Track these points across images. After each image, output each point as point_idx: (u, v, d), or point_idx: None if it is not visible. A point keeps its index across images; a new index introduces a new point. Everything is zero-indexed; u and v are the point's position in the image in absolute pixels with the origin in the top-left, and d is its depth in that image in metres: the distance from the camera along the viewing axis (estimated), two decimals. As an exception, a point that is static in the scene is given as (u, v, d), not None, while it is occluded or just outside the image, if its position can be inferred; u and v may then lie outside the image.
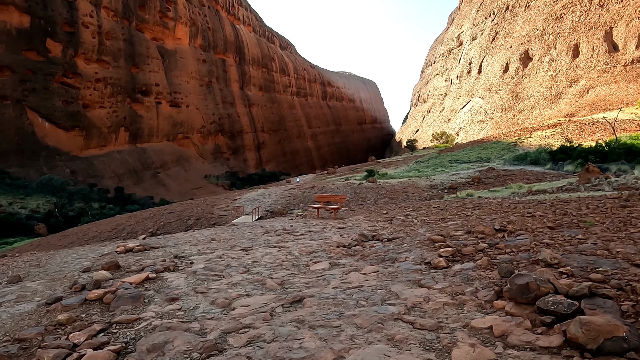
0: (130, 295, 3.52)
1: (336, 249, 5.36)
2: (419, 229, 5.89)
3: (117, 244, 6.74)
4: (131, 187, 68.39)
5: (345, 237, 6.62)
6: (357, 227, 7.67)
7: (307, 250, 5.59)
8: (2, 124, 55.35)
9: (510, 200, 9.38)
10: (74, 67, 65.06)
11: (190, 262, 4.77)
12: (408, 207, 10.35)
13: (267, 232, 7.97)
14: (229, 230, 8.84)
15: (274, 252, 5.54)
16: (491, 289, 3.13)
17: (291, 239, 6.87)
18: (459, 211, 7.78)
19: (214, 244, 6.70)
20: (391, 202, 18.86)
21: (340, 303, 3.23)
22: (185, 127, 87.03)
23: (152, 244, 6.58)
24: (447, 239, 4.81)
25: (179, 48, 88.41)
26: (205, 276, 4.01)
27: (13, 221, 41.39)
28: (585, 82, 57.87)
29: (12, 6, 57.14)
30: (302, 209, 14.84)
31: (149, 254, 5.63)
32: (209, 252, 5.77)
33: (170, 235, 8.33)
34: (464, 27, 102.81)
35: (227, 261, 4.93)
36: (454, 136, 75.95)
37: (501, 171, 25.90)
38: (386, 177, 30.30)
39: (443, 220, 6.70)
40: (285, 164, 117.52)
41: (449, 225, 5.73)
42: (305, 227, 8.86)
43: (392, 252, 4.47)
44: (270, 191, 24.11)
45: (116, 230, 18.66)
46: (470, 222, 5.92)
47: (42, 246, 18.96)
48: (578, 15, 62.56)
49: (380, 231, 6.60)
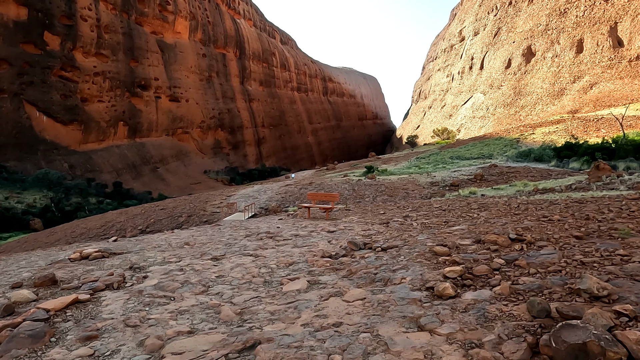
0: (30, 334, 2.65)
1: (320, 260, 4.67)
2: (418, 236, 5.27)
3: (77, 248, 6.04)
4: (130, 181, 67.78)
5: (333, 243, 5.92)
6: (349, 232, 6.99)
7: (286, 261, 4.86)
8: (-2, 117, 54.66)
9: (518, 200, 8.64)
10: (72, 61, 64.20)
11: (144, 276, 4.04)
12: (407, 207, 9.58)
13: (248, 235, 7.30)
14: (209, 232, 8.13)
15: (247, 263, 4.84)
16: (521, 340, 2.23)
17: (272, 245, 6.21)
18: (464, 212, 7.03)
19: (184, 250, 6.06)
20: (390, 199, 18.15)
21: (305, 358, 2.36)
22: (184, 122, 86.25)
23: (114, 249, 5.87)
24: (453, 250, 4.05)
25: (179, 42, 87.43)
26: (152, 298, 3.26)
27: (8, 216, 40.84)
28: (589, 78, 56.91)
29: (9, -2, 56.24)
30: (297, 207, 14.12)
31: (104, 263, 4.95)
32: (173, 261, 5.09)
33: (144, 237, 7.63)
34: (466, 23, 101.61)
35: (187, 275, 4.18)
36: (455, 132, 75.07)
37: (504, 168, 25.11)
38: (386, 173, 29.56)
39: (446, 224, 5.93)
40: (286, 159, 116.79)
41: (453, 232, 4.98)
42: (292, 229, 8.23)
43: (385, 269, 3.76)
44: (267, 187, 23.40)
45: (105, 227, 18.00)
46: (478, 227, 5.17)
47: (28, 243, 18.33)
48: (582, 10, 61.45)
49: (374, 237, 5.91)
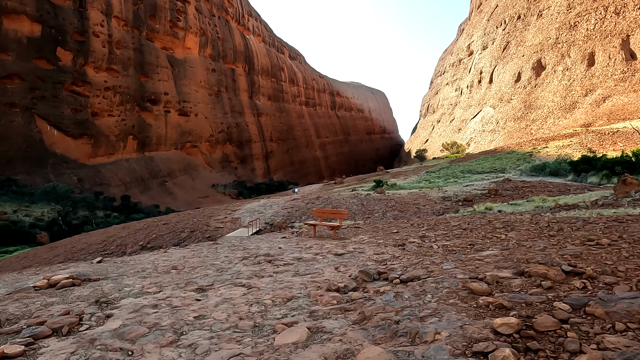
0: None
1: (325, 295, 3.86)
2: (444, 264, 4.44)
3: (48, 273, 5.35)
4: (138, 195, 67.71)
5: (341, 271, 5.04)
6: (360, 255, 6.13)
7: (283, 295, 4.05)
8: (10, 131, 55.20)
9: (545, 217, 7.81)
10: (83, 76, 65.10)
11: (108, 315, 3.32)
12: (422, 225, 8.73)
13: (245, 258, 6.51)
14: (204, 252, 7.34)
15: (236, 298, 4.06)
16: None
17: (270, 272, 5.39)
18: (488, 233, 6.20)
19: (169, 277, 5.32)
20: (401, 215, 17.36)
21: None
22: (193, 136, 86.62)
23: (92, 273, 5.13)
24: (494, 287, 3.22)
25: (189, 57, 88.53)
26: (103, 351, 2.52)
27: (15, 229, 40.69)
28: (601, 91, 55.90)
29: (24, 15, 57.48)
30: (302, 223, 13.36)
31: (72, 293, 4.26)
32: (151, 292, 4.42)
33: (131, 259, 6.93)
34: (475, 37, 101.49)
35: (160, 314, 3.42)
36: (465, 146, 74.13)
37: (519, 182, 24.19)
38: (395, 187, 28.77)
39: (472, 247, 5.12)
40: (293, 173, 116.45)
41: (484, 258, 4.15)
42: (295, 250, 7.36)
43: (409, 314, 2.86)
44: (273, 202, 22.73)
45: (106, 242, 17.43)
46: (512, 252, 4.35)
47: (28, 258, 17.80)
48: (593, 23, 60.79)
49: (389, 263, 5.02)
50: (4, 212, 44.44)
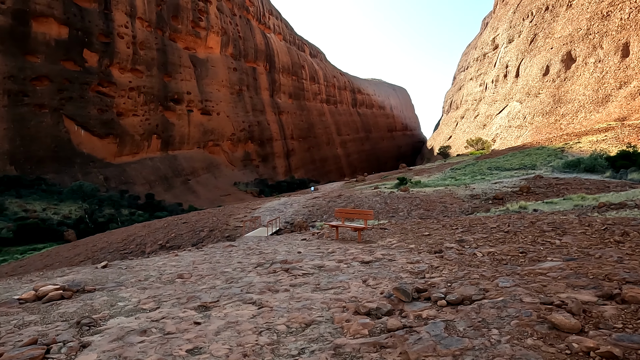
0: None
1: (352, 322, 3.11)
2: (497, 279, 3.61)
3: (41, 282, 4.90)
4: (162, 193, 68.80)
5: (370, 285, 4.26)
6: (390, 264, 5.35)
7: (301, 318, 3.34)
8: (39, 131, 56.93)
9: (597, 219, 6.88)
10: (109, 77, 66.53)
11: (83, 345, 2.68)
12: (455, 226, 7.84)
13: (260, 265, 5.90)
14: (217, 256, 6.82)
15: (244, 321, 3.38)
16: None
17: (286, 284, 4.70)
18: (537, 237, 5.34)
19: (171, 288, 4.76)
20: (427, 214, 16.49)
21: None
22: (215, 135, 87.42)
23: (91, 281, 4.63)
24: (582, 319, 2.38)
25: (211, 57, 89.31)
26: None
27: (44, 227, 41.81)
28: (637, 84, 52.78)
29: (52, 18, 59.10)
30: (324, 224, 12.71)
31: (55, 309, 3.78)
32: (146, 310, 3.86)
33: (137, 264, 6.43)
34: (500, 30, 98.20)
35: (146, 346, 2.79)
36: (490, 142, 71.77)
37: (552, 179, 22.80)
38: (419, 185, 27.75)
39: (524, 255, 4.28)
40: (314, 171, 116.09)
41: (547, 272, 3.31)
42: (315, 256, 6.66)
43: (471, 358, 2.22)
44: (293, 200, 22.20)
45: (126, 241, 17.32)
46: (581, 264, 3.47)
47: (50, 257, 17.91)
48: (627, 12, 57.48)
49: (428, 276, 4.28)
50: (33, 210, 45.81)
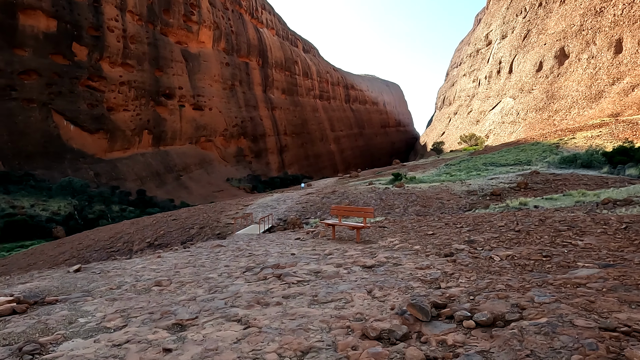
0: None
1: (360, 349, 2.58)
2: (531, 291, 3.13)
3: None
4: (154, 189, 68.05)
5: (378, 297, 3.72)
6: (397, 269, 4.80)
7: (295, 344, 2.79)
8: (28, 126, 55.84)
9: (611, 216, 6.70)
10: (99, 71, 65.41)
11: None
12: (459, 224, 7.54)
13: (249, 269, 5.41)
14: (202, 258, 6.59)
15: (225, 347, 2.84)
16: None
17: (278, 295, 4.18)
18: (553, 237, 4.95)
19: (145, 300, 4.19)
20: (424, 210, 16.38)
21: None
22: (208, 130, 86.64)
23: (50, 291, 4.34)
24: None
25: (203, 51, 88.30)
26: None
27: (32, 224, 40.99)
28: (630, 80, 53.28)
29: (40, 11, 57.81)
30: (319, 222, 12.45)
31: (2, 329, 3.38)
32: (110, 330, 3.37)
33: (112, 267, 5.92)
34: (493, 26, 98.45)
35: None
36: (484, 138, 72.11)
37: (549, 175, 22.85)
38: (415, 181, 27.68)
39: (549, 260, 3.80)
40: (308, 167, 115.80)
41: (587, 282, 3.12)
42: (311, 259, 6.07)
43: None
44: (287, 196, 21.95)
45: (114, 239, 16.94)
46: (623, 271, 2.90)
47: (35, 255, 17.46)
48: (620, 8, 57.91)
49: (444, 286, 3.75)
50: (21, 206, 44.90)
